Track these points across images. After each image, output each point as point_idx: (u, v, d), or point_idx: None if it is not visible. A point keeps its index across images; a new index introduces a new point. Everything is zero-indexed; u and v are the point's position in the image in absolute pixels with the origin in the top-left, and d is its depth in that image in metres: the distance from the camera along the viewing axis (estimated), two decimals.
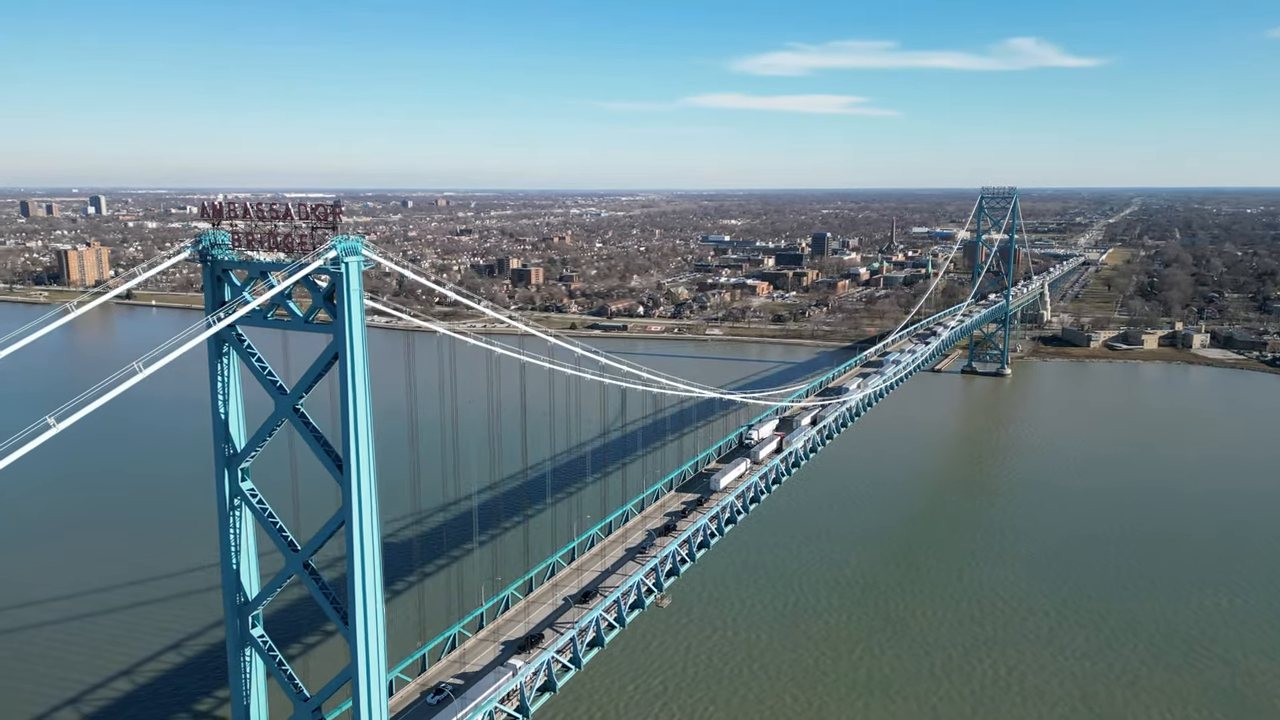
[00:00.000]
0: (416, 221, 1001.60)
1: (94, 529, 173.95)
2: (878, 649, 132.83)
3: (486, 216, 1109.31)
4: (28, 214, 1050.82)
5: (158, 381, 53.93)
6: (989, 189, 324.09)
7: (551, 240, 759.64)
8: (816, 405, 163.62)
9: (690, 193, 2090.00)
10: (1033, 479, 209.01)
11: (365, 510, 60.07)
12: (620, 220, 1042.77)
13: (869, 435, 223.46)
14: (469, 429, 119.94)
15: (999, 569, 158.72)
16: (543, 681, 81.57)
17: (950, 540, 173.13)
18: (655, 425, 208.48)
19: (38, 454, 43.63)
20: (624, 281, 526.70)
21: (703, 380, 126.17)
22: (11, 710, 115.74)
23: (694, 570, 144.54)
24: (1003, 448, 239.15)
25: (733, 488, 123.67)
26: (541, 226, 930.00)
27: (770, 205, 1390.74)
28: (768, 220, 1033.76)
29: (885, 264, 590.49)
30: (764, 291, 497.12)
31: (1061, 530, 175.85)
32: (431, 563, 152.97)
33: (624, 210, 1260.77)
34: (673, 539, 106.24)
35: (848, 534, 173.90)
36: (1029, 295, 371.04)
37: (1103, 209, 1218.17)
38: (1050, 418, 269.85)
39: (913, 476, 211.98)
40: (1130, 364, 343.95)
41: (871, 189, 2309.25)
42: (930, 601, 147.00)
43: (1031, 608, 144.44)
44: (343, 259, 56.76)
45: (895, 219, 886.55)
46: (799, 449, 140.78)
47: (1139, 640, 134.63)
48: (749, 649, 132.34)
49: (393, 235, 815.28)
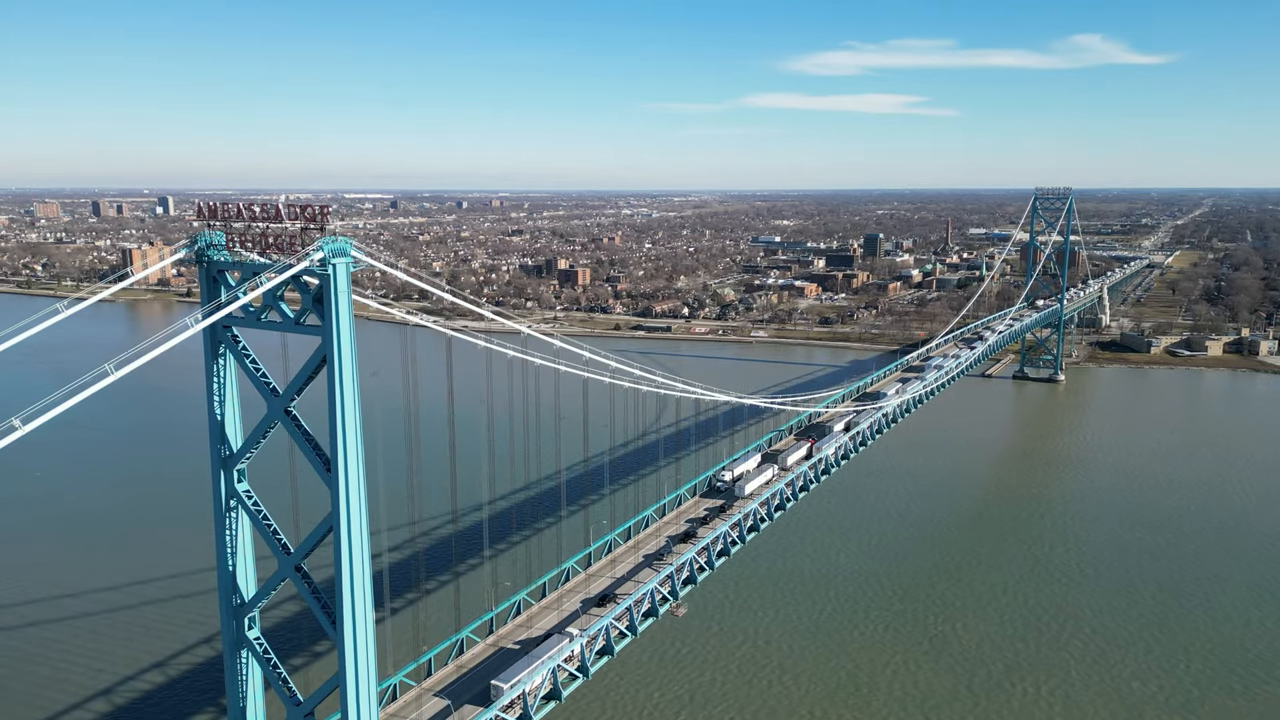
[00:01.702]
0: (470, 222, 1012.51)
1: (105, 529, 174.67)
2: (914, 663, 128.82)
3: (539, 217, 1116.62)
4: (99, 214, 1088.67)
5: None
6: (1043, 189, 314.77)
7: (601, 241, 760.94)
8: (851, 411, 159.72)
9: (743, 193, 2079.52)
10: (1084, 490, 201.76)
11: (354, 514, 59.27)
12: (671, 221, 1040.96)
13: (912, 441, 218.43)
14: (478, 431, 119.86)
15: (1047, 584, 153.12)
16: (548, 690, 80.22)
17: (995, 552, 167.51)
18: (682, 430, 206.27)
19: (98, 452, 43.31)
20: (670, 283, 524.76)
21: (744, 383, 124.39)
22: (6, 712, 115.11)
23: (725, 577, 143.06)
24: (1053, 457, 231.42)
25: (757, 494, 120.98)
26: (592, 227, 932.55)
27: (824, 206, 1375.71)
28: (821, 221, 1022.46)
29: (939, 266, 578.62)
30: (812, 293, 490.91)
31: (1114, 545, 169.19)
32: (433, 576, 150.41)
33: (675, 211, 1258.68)
34: (691, 546, 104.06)
35: (886, 543, 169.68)
36: (1086, 299, 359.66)
37: (1171, 210, 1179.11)
38: (1104, 426, 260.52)
39: (957, 485, 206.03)
40: (1192, 371, 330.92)
41: (929, 189, 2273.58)
42: (972, 615, 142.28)
43: (1080, 625, 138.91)
44: (329, 260, 56.02)
45: (950, 220, 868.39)
46: (830, 456, 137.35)
47: (1195, 662, 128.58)
48: (780, 659, 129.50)
49: (445, 235, 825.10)
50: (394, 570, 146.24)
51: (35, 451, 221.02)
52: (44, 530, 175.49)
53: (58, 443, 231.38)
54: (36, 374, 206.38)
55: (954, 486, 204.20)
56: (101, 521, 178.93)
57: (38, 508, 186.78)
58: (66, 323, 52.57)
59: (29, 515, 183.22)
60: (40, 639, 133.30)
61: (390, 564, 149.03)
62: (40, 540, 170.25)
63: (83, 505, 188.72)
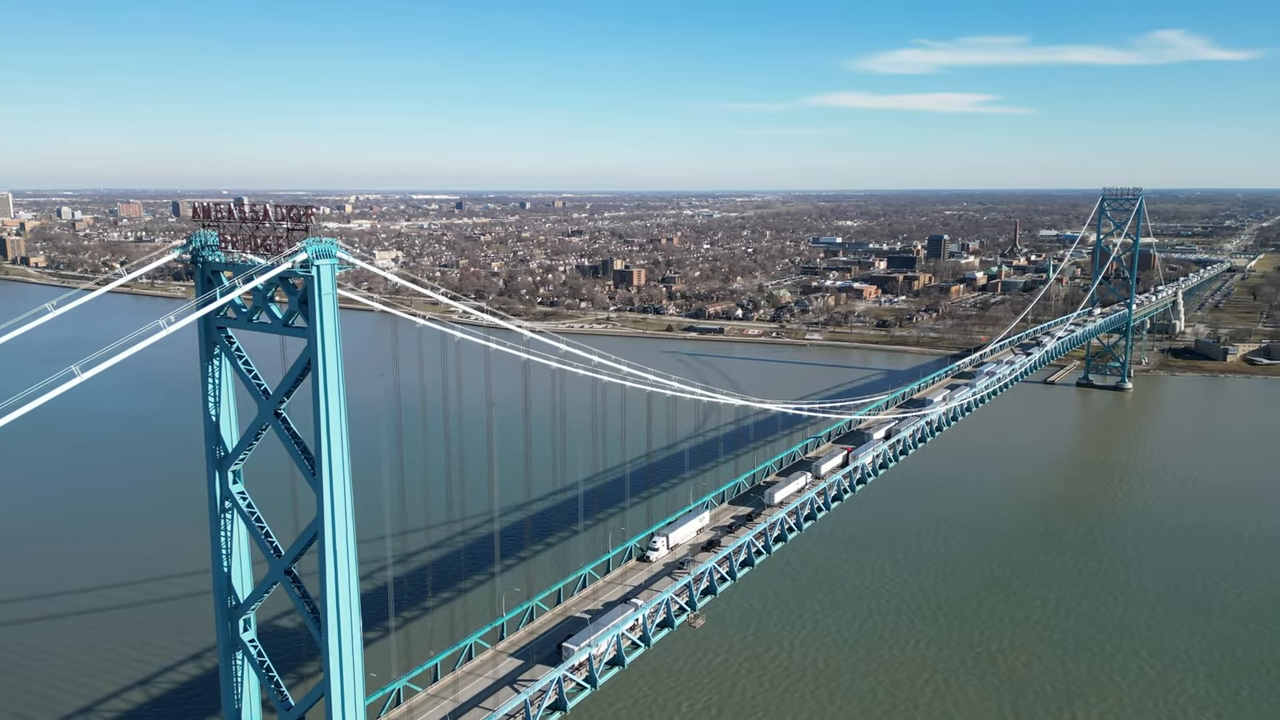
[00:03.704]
0: (532, 223, 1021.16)
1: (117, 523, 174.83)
2: (958, 681, 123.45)
3: (600, 218, 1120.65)
4: (178, 214, 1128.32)
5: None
6: (1111, 189, 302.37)
7: (659, 241, 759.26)
8: (894, 418, 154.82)
9: (807, 193, 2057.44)
10: (1149, 504, 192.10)
11: (338, 517, 58.46)
12: (732, 221, 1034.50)
13: (966, 449, 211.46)
14: (505, 437, 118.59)
15: (1104, 601, 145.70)
16: (553, 700, 78.42)
17: (1051, 566, 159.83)
18: (714, 438, 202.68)
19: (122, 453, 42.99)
20: (726, 284, 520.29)
21: (794, 387, 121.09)
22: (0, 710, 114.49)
23: (762, 585, 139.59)
24: (1117, 468, 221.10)
25: (788, 503, 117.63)
26: (652, 228, 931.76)
27: (890, 206, 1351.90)
28: (885, 222, 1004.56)
29: (1005, 268, 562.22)
30: (871, 295, 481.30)
31: (1179, 563, 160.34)
32: (442, 584, 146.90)
33: (737, 211, 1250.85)
34: (711, 555, 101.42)
35: (933, 553, 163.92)
36: (1158, 303, 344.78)
37: (1256, 211, 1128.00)
38: (1174, 437, 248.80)
39: (1013, 495, 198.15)
40: (1271, 381, 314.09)
41: (1000, 189, 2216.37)
42: (1023, 632, 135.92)
43: (1138, 647, 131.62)
44: (313, 262, 55.20)
45: (1019, 221, 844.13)
46: (867, 464, 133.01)
47: (1261, 688, 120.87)
48: (815, 671, 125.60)
49: (507, 236, 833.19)
50: (437, 566, 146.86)
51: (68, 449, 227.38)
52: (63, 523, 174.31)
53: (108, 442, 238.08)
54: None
55: (1009, 497, 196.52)
56: (103, 519, 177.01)
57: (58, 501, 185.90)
58: (96, 317, 52.70)
59: (32, 511, 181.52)
60: (39, 639, 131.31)
61: (434, 560, 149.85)
62: (60, 535, 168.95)
63: (91, 498, 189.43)
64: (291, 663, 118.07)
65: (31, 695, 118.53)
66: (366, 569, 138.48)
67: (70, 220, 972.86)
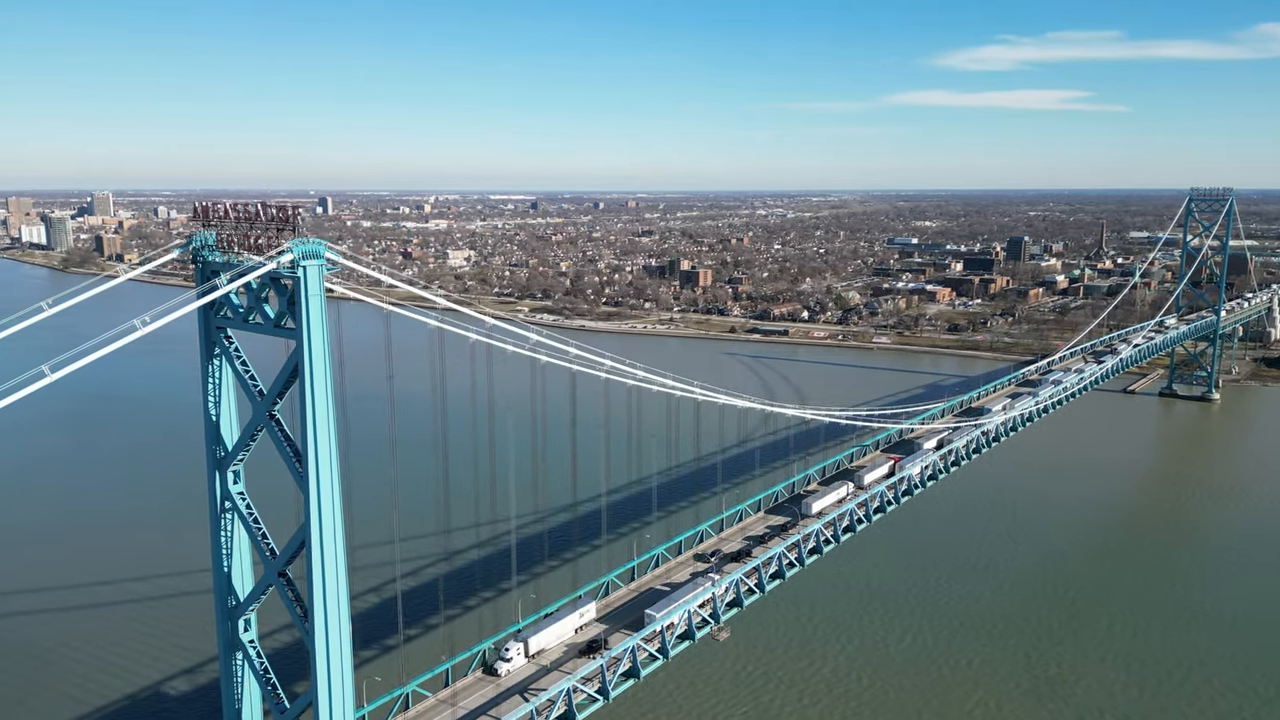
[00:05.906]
0: (604, 222, 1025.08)
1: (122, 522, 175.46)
2: (1013, 705, 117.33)
3: (672, 218, 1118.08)
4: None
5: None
6: (1199, 190, 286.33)
7: (729, 241, 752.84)
8: (948, 427, 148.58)
9: (885, 193, 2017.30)
10: (1234, 524, 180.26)
11: (327, 520, 57.68)
12: (805, 221, 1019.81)
13: (1035, 461, 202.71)
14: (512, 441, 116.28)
15: (1181, 627, 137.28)
16: (562, 711, 76.77)
17: (1123, 587, 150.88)
18: (754, 447, 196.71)
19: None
20: (795, 285, 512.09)
21: (858, 391, 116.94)
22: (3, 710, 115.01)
23: (807, 593, 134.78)
24: (1200, 485, 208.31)
25: (825, 514, 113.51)
26: (723, 228, 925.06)
27: (971, 206, 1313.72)
28: (965, 223, 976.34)
29: (1089, 271, 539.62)
30: (945, 298, 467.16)
31: (1266, 590, 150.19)
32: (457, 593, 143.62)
33: (811, 211, 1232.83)
34: (739, 566, 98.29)
35: (993, 567, 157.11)
36: (1251, 310, 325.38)
37: None
38: (1264, 452, 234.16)
39: (1084, 510, 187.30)
40: None
41: (1089, 189, 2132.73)
42: (1088, 656, 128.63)
43: (1218, 680, 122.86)
44: (300, 263, 54.46)
45: (1107, 222, 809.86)
46: (914, 475, 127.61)
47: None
48: (860, 687, 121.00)
49: (578, 236, 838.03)
50: (459, 573, 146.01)
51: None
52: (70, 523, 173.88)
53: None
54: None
55: (1079, 512, 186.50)
56: (106, 517, 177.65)
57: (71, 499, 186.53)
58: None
59: (38, 510, 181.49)
60: (40, 638, 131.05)
61: (462, 563, 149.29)
62: (67, 531, 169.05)
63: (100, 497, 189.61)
64: (295, 665, 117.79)
65: (32, 694, 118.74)
66: (377, 577, 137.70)
67: (165, 219, 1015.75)
